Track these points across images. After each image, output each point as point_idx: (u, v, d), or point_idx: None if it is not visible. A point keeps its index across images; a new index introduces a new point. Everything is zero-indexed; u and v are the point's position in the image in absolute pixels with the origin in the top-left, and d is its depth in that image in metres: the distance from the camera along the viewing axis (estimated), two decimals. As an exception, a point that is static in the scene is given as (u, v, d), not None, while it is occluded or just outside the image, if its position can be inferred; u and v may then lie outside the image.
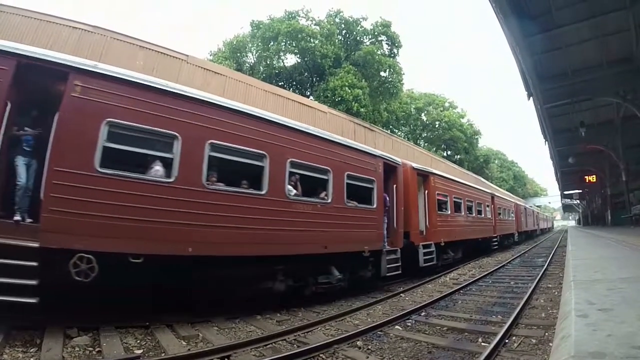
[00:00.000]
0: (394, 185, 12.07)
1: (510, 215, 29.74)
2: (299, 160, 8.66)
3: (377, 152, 11.79)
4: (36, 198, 5.88)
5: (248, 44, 33.16)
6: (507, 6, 12.95)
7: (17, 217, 5.67)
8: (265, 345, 5.88)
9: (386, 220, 11.40)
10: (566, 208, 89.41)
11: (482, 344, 5.87)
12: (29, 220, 5.77)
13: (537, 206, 75.99)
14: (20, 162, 6.05)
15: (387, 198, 11.69)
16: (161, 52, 12.68)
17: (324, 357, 5.48)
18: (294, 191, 8.62)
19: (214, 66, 15.77)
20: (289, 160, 8.38)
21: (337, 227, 9.44)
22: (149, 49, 12.45)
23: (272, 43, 29.88)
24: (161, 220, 6.32)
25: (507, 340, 5.88)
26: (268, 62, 31.30)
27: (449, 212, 16.03)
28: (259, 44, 31.21)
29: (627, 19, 13.85)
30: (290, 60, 32.93)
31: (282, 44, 29.68)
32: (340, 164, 9.72)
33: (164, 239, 6.36)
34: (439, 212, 14.87)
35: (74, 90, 5.82)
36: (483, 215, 20.99)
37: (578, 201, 63.57)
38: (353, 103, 26.77)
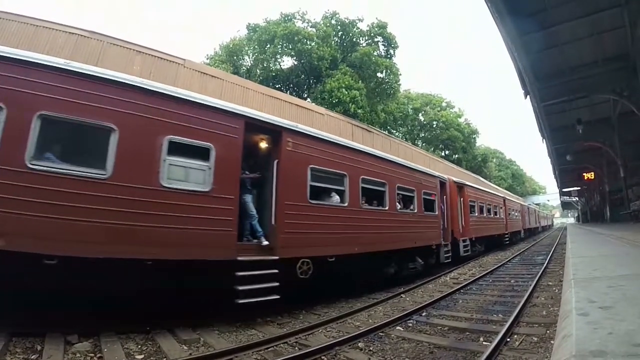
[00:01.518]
0: (444, 197, 16.22)
1: (517, 215, 33.47)
2: (402, 185, 12.42)
3: (436, 173, 16.12)
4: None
5: (244, 47, 33.11)
6: (502, 5, 12.98)
7: (265, 242, 7.85)
8: (267, 348, 5.88)
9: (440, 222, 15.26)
10: (565, 205, 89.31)
11: (484, 343, 5.88)
12: (255, 240, 8.01)
13: (536, 204, 76.14)
14: (249, 199, 8.07)
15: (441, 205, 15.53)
16: (158, 57, 12.68)
17: (325, 359, 5.48)
18: (399, 205, 12.25)
19: (211, 70, 15.77)
20: (397, 185, 12.09)
21: (420, 229, 13.23)
22: (146, 53, 12.45)
23: (268, 46, 29.84)
24: (340, 232, 9.42)
25: (508, 339, 5.89)
26: (265, 65, 31.24)
27: (477, 214, 20.24)
28: (256, 47, 31.17)
29: (622, 16, 13.90)
30: (287, 62, 32.89)
31: (279, 46, 29.62)
32: (419, 184, 13.58)
33: (342, 243, 9.40)
34: (470, 214, 18.95)
35: (287, 145, 8.34)
36: (498, 216, 25.33)
37: (577, 198, 63.56)
38: (350, 104, 26.76)
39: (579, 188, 49.32)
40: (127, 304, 6.44)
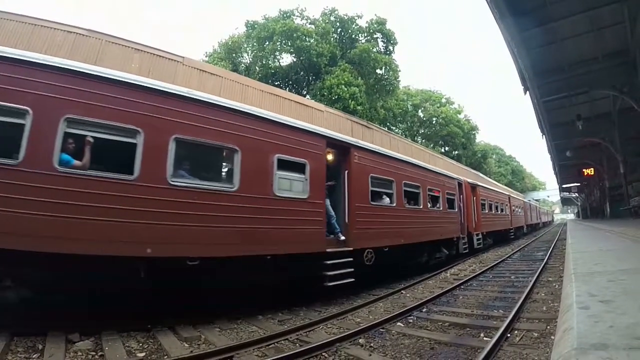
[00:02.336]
0: (461, 196, 18.10)
1: (520, 211, 35.49)
2: (431, 187, 14.59)
3: (454, 175, 18.28)
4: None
5: (243, 45, 33.12)
6: (502, 1, 12.95)
7: (342, 237, 9.59)
8: (268, 345, 5.89)
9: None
10: (565, 201, 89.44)
11: (484, 338, 5.89)
12: (332, 235, 9.50)
13: (536, 200, 76.15)
14: (327, 203, 9.42)
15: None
16: (156, 55, 12.65)
17: (326, 355, 5.48)
18: (429, 204, 14.28)
19: (210, 67, 15.74)
20: (427, 187, 14.26)
21: (444, 224, 15.39)
22: (145, 51, 12.42)
23: (267, 43, 29.87)
24: (391, 227, 11.49)
25: (509, 335, 5.90)
26: (264, 62, 31.27)
27: (487, 211, 22.45)
28: (254, 44, 31.20)
29: (622, 11, 13.87)
30: (286, 59, 32.93)
31: (278, 43, 29.64)
32: (443, 186, 15.75)
33: (393, 236, 11.48)
34: (482, 211, 21.25)
35: (354, 158, 10.25)
36: (504, 213, 27.53)
37: (577, 194, 63.61)
38: (350, 101, 26.80)
39: (578, 184, 49.44)
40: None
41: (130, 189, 6.06)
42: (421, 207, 13.56)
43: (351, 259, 9.33)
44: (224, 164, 8.20)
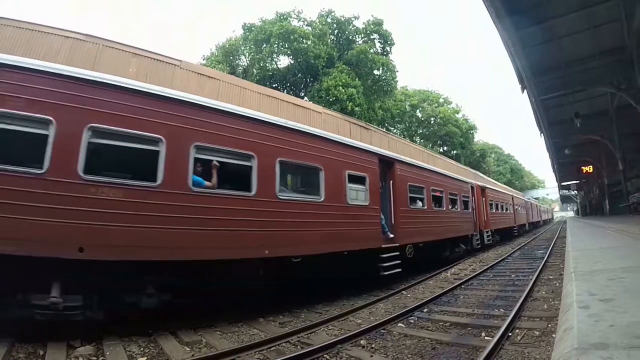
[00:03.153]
0: (473, 197, 20.08)
1: (522, 210, 37.26)
2: (451, 191, 16.96)
3: (468, 179, 21.07)
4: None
5: (241, 47, 33.13)
6: (498, 0, 12.99)
7: (391, 235, 11.48)
8: (269, 347, 5.88)
9: (471, 217, 19.80)
10: (564, 199, 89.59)
11: (486, 338, 5.88)
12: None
13: (535, 198, 76.16)
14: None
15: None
16: (154, 59, 12.63)
17: (327, 357, 5.47)
18: (450, 206, 16.50)
19: (208, 70, 15.72)
20: (448, 191, 16.59)
21: (461, 223, 17.72)
22: (142, 55, 12.40)
23: (264, 45, 29.86)
24: (424, 227, 13.55)
25: (510, 334, 5.90)
26: (261, 65, 31.26)
27: (494, 211, 24.63)
28: (252, 46, 31.19)
29: (618, 8, 13.91)
30: (284, 61, 32.97)
31: (275, 45, 29.66)
32: (459, 189, 18.13)
33: (425, 234, 13.59)
34: (490, 211, 23.33)
35: (397, 170, 12.34)
36: (509, 212, 29.59)
37: (576, 192, 63.70)
38: (347, 102, 26.81)
39: (577, 182, 49.51)
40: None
41: (251, 203, 7.61)
42: (444, 208, 15.87)
43: (398, 253, 11.33)
44: (313, 179, 9.46)
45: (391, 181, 12.13)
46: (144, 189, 6.24)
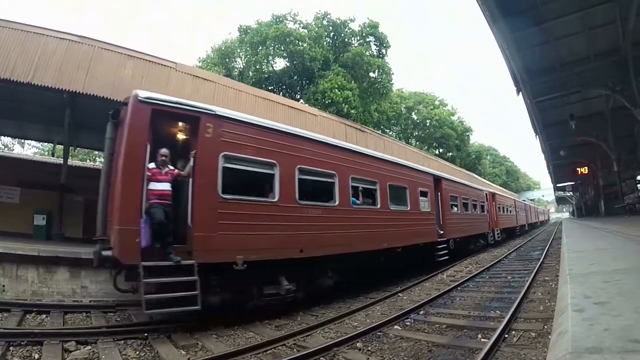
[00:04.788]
0: (487, 203, 24.08)
1: (522, 212, 40.87)
2: (473, 198, 21.30)
3: (483, 188, 26.26)
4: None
5: (237, 49, 33.10)
6: (493, 2, 13.02)
7: (441, 232, 15.47)
8: (265, 350, 5.86)
9: (486, 218, 24.21)
10: (560, 200, 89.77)
11: (482, 340, 5.88)
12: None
13: (531, 200, 76.34)
14: None
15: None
16: (150, 61, 12.62)
17: (324, 360, 5.47)
18: (472, 210, 20.85)
19: (203, 73, 15.71)
20: (472, 198, 20.96)
21: (481, 223, 22.20)
22: (138, 57, 12.39)
23: (260, 47, 29.80)
24: (458, 225, 17.80)
25: (506, 335, 5.89)
26: (257, 67, 31.21)
27: (502, 213, 28.53)
28: (248, 48, 31.17)
29: (614, 11, 13.99)
30: (280, 64, 32.90)
31: (271, 48, 29.58)
32: (479, 196, 22.74)
33: (459, 231, 17.56)
34: (499, 213, 27.14)
35: (443, 184, 16.81)
36: (512, 214, 33.78)
37: (571, 193, 63.91)
38: (343, 105, 26.78)
39: (573, 183, 49.72)
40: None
41: (378, 213, 11.65)
42: (470, 212, 20.23)
43: (445, 245, 15.62)
44: (402, 194, 13.30)
45: (439, 193, 16.22)
46: (329, 207, 9.72)
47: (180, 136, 8.20)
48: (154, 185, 6.69)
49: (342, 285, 10.43)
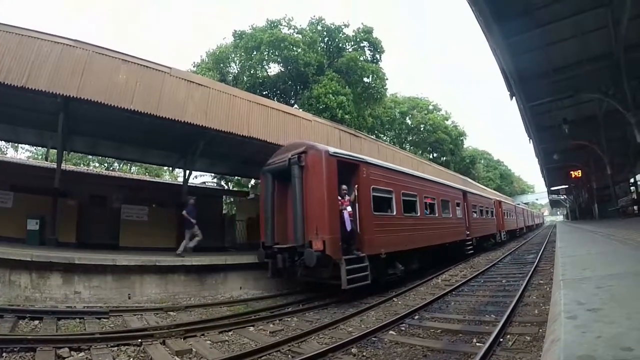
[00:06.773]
0: (494, 208, 28.35)
1: (522, 216, 45.28)
2: (486, 206, 26.38)
3: (492, 196, 32.24)
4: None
5: (231, 55, 33.04)
6: (486, 8, 13.08)
7: (467, 232, 20.68)
8: (260, 357, 5.85)
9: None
10: (554, 204, 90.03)
11: (477, 344, 5.90)
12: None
13: (525, 203, 76.57)
14: None
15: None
16: (144, 65, 12.58)
17: (319, 366, 5.47)
18: (486, 215, 25.77)
19: (198, 78, 15.65)
20: (485, 205, 26.20)
21: (491, 225, 26.42)
22: (132, 62, 12.34)
23: (255, 52, 29.76)
24: (480, 227, 23.68)
25: (501, 339, 5.91)
26: (251, 72, 31.18)
27: (506, 217, 32.65)
28: (242, 54, 31.09)
29: (606, 15, 14.08)
30: (274, 69, 32.85)
31: (265, 53, 29.58)
32: (488, 204, 27.13)
33: (481, 231, 23.71)
34: (504, 217, 31.11)
35: (468, 198, 22.15)
36: (513, 217, 37.65)
37: (565, 196, 64.15)
38: (337, 110, 26.80)
39: (566, 186, 49.89)
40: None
41: (436, 220, 16.23)
42: (484, 217, 24.94)
43: (470, 243, 20.36)
44: (448, 206, 18.15)
45: (465, 203, 20.81)
46: (415, 217, 14.25)
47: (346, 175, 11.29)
48: (349, 209, 10.28)
49: (425, 267, 14.83)
